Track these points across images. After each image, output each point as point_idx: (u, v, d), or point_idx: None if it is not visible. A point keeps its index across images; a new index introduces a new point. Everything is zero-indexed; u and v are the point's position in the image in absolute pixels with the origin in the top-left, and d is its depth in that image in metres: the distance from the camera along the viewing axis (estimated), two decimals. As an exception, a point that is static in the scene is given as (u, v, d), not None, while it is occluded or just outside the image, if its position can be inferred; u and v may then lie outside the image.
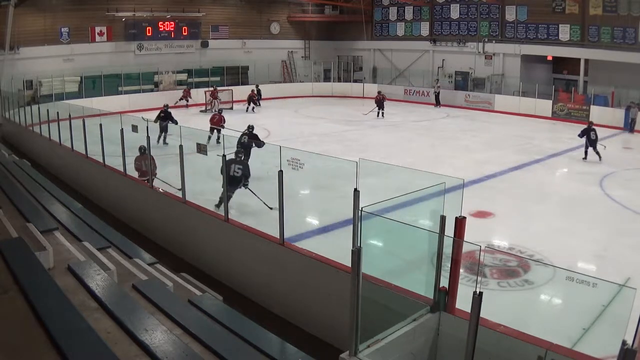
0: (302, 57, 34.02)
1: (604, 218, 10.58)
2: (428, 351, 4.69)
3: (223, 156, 7.91)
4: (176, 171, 8.92)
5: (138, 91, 26.38)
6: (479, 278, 6.46)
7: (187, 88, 26.58)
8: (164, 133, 15.58)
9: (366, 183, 5.84)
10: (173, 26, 28.56)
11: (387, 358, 4.25)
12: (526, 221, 10.31)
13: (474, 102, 27.14)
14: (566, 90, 24.45)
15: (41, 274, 4.40)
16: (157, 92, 26.96)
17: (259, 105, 26.36)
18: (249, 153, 12.10)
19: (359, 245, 4.24)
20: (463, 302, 4.39)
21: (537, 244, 8.76)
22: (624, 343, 3.03)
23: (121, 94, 25.52)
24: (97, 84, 25.29)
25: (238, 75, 30.00)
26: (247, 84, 29.59)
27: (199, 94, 26.08)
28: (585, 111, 22.54)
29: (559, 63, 26.09)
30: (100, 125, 11.19)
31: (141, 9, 27.17)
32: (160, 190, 9.74)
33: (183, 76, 28.57)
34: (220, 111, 18.58)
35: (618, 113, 21.70)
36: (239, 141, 12.69)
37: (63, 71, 24.42)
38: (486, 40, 27.69)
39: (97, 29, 26.27)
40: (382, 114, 24.07)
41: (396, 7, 32.06)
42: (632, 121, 20.87)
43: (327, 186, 11.51)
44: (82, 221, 8.21)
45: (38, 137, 16.30)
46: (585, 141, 15.21)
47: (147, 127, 9.84)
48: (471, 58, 28.36)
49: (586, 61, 24.20)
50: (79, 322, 3.64)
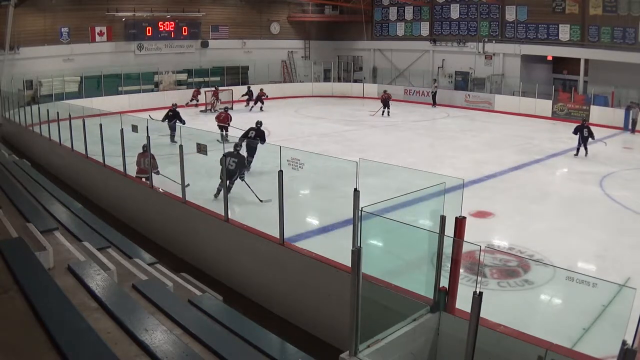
0: (302, 57, 34.01)
1: (604, 218, 10.58)
2: (428, 351, 4.69)
3: (223, 156, 7.92)
4: (177, 171, 8.94)
5: (138, 91, 26.38)
6: (479, 278, 6.46)
7: (197, 88, 26.53)
8: (173, 132, 15.78)
9: (366, 183, 5.85)
10: (173, 26, 28.56)
11: (387, 358, 4.25)
12: (526, 221, 10.31)
13: (474, 102, 27.15)
14: (566, 90, 24.45)
15: (41, 274, 4.40)
16: (157, 92, 27.02)
17: (248, 105, 26.41)
18: (255, 148, 12.41)
19: (359, 245, 4.24)
20: (463, 302, 4.39)
21: (537, 244, 8.75)
22: (624, 343, 3.03)
23: (121, 94, 25.53)
24: (99, 84, 25.31)
25: (238, 75, 29.98)
26: (247, 84, 29.62)
27: (199, 94, 26.08)
28: (585, 111, 22.51)
29: (559, 63, 26.08)
30: (100, 125, 11.19)
31: (141, 9, 27.17)
32: (160, 190, 9.74)
33: (183, 76, 28.56)
34: (226, 109, 18.61)
35: (618, 113, 21.70)
36: (246, 135, 12.98)
37: (63, 71, 24.41)
38: (486, 40, 27.69)
39: (97, 29, 26.27)
40: (388, 113, 24.44)
41: (396, 7, 32.06)
42: (634, 122, 20.84)
43: (327, 186, 11.50)
44: (82, 221, 8.21)
45: (38, 137, 16.29)
46: (578, 138, 15.75)
47: (147, 127, 9.85)
48: (471, 58, 28.36)
49: (586, 61, 24.19)
50: (79, 322, 3.64)
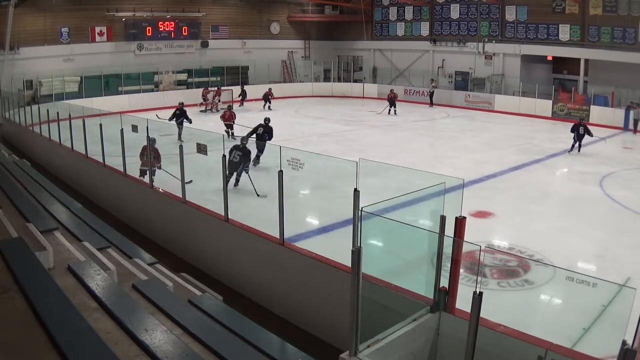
0: (302, 57, 34.00)
1: (604, 218, 10.58)
2: (428, 351, 4.69)
3: (223, 156, 7.91)
4: (177, 171, 8.94)
5: (138, 91, 26.38)
6: (479, 278, 6.46)
7: (206, 88, 26.54)
8: (180, 130, 16.23)
9: (366, 183, 5.85)
10: (173, 26, 28.54)
11: (387, 358, 4.25)
12: (526, 221, 10.31)
13: (474, 102, 27.14)
14: (566, 90, 24.44)
15: (41, 274, 4.40)
16: (157, 92, 27.02)
17: (242, 105, 26.52)
18: (264, 145, 12.97)
19: (359, 245, 4.24)
20: (463, 302, 4.39)
21: (537, 244, 8.75)
22: (624, 343, 3.03)
23: (121, 94, 25.52)
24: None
25: (238, 75, 29.96)
26: (247, 84, 29.65)
27: (199, 94, 26.06)
28: (585, 111, 22.50)
29: (559, 63, 26.07)
30: (100, 125, 11.19)
31: (141, 9, 27.16)
32: (160, 190, 9.74)
33: (183, 76, 28.55)
34: (229, 107, 18.75)
35: (618, 113, 21.69)
36: (255, 131, 13.46)
37: (63, 71, 24.40)
38: (486, 40, 27.68)
39: (97, 29, 26.25)
40: (395, 112, 24.74)
41: (396, 7, 32.05)
42: (635, 122, 20.79)
43: (327, 186, 11.50)
44: (82, 221, 8.21)
45: (38, 137, 16.30)
46: (573, 135, 16.29)
47: (147, 127, 9.86)
48: (471, 58, 28.35)
49: (586, 61, 24.18)
50: (79, 322, 3.64)
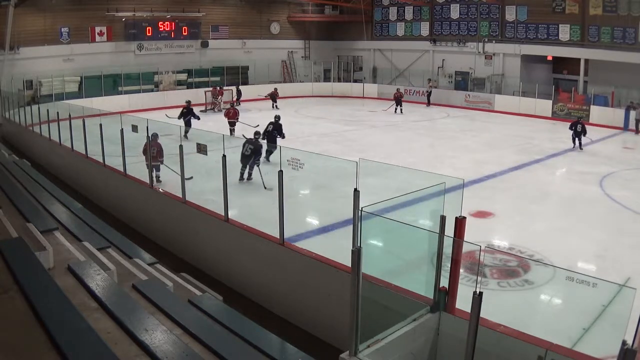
0: (302, 57, 34.01)
1: (604, 218, 10.57)
2: (428, 351, 4.69)
3: (223, 156, 7.90)
4: (177, 171, 8.94)
5: (138, 91, 26.38)
6: (479, 278, 6.45)
7: (215, 87, 26.47)
8: (188, 128, 16.45)
9: (366, 183, 5.85)
10: (173, 26, 28.54)
11: (387, 358, 4.25)
12: (526, 221, 10.31)
13: (474, 102, 27.14)
14: (566, 90, 24.45)
15: (41, 274, 4.40)
16: (157, 92, 27.02)
17: (239, 104, 26.42)
18: (275, 140, 13.65)
19: (359, 245, 4.24)
20: (463, 302, 4.39)
21: (537, 244, 8.75)
22: (624, 343, 3.03)
23: (121, 94, 25.53)
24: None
25: (238, 75, 29.97)
26: (247, 84, 29.66)
27: (199, 94, 26.05)
28: (585, 111, 22.51)
29: (559, 63, 26.07)
30: (100, 125, 11.20)
31: (141, 9, 27.16)
32: (160, 190, 9.74)
33: (183, 76, 28.55)
34: (232, 105, 18.99)
35: (618, 113, 21.69)
36: (266, 129, 14.05)
37: (63, 71, 24.41)
38: (486, 40, 27.68)
39: (97, 29, 26.26)
40: (401, 110, 25.03)
41: (396, 7, 32.05)
42: (637, 122, 20.73)
43: (327, 186, 11.50)
44: (82, 221, 8.22)
45: (38, 137, 16.30)
46: (572, 133, 17.14)
47: (147, 127, 9.88)
48: (471, 58, 28.35)
49: (586, 61, 24.18)
50: (79, 322, 3.64)
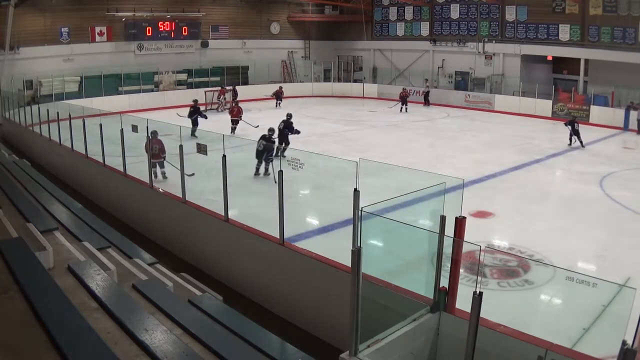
0: (302, 57, 34.02)
1: (604, 218, 10.57)
2: (428, 351, 4.69)
3: (223, 156, 7.89)
4: (177, 171, 8.94)
5: (138, 91, 26.39)
6: (479, 278, 6.45)
7: (222, 87, 26.58)
8: (195, 127, 17.09)
9: (366, 183, 5.85)
10: (173, 26, 28.55)
11: (387, 358, 4.25)
12: (526, 221, 10.31)
13: (474, 102, 27.15)
14: (566, 90, 24.45)
15: (41, 274, 4.40)
16: (157, 92, 27.03)
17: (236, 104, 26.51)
18: (286, 137, 14.44)
19: (359, 245, 4.23)
20: (463, 302, 4.39)
21: (537, 244, 8.75)
22: (624, 343, 3.03)
23: (121, 94, 25.53)
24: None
25: (238, 75, 29.98)
26: (247, 84, 29.65)
27: (199, 94, 26.02)
28: (585, 111, 22.53)
29: (559, 63, 26.07)
30: (100, 125, 11.19)
31: (141, 9, 27.17)
32: (160, 190, 9.74)
33: (183, 76, 28.57)
34: (236, 103, 19.21)
35: (618, 113, 21.69)
36: (279, 127, 14.74)
37: (63, 71, 24.42)
38: (486, 40, 27.68)
39: (97, 29, 26.27)
40: (406, 109, 25.45)
41: (396, 7, 32.05)
42: (639, 123, 20.71)
43: (327, 186, 11.50)
44: (82, 221, 8.21)
45: (38, 137, 16.30)
46: (569, 131, 17.57)
47: (147, 127, 9.89)
48: (471, 58, 28.36)
49: (586, 61, 24.19)
50: (79, 322, 3.64)
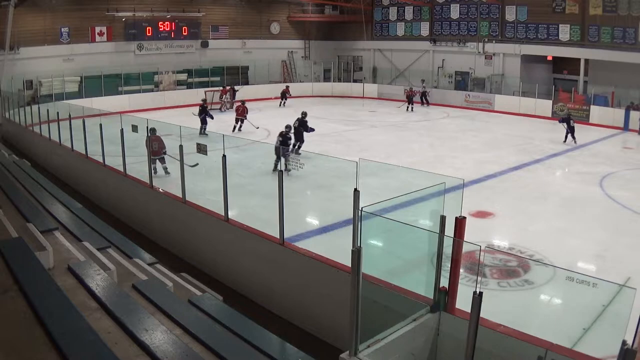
0: (302, 57, 34.02)
1: (604, 218, 10.57)
2: (428, 351, 4.69)
3: (223, 156, 7.89)
4: (177, 172, 8.94)
5: (138, 91, 26.39)
6: (479, 278, 6.46)
7: (224, 88, 26.59)
8: (204, 125, 17.72)
9: (366, 183, 5.85)
10: (173, 26, 28.55)
11: (387, 358, 4.25)
12: (526, 221, 10.31)
13: (474, 102, 27.15)
14: (566, 90, 24.45)
15: (41, 274, 4.41)
16: (157, 92, 27.03)
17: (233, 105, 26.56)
18: (301, 135, 14.92)
19: (359, 245, 4.23)
20: (463, 302, 4.39)
21: (537, 244, 8.75)
22: (624, 343, 3.03)
23: (121, 94, 25.53)
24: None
25: (238, 75, 29.98)
26: (247, 84, 29.65)
27: (200, 95, 26.02)
28: (585, 111, 22.53)
29: (559, 63, 26.07)
30: (100, 125, 11.19)
31: (141, 9, 27.17)
32: (160, 190, 9.74)
33: (183, 76, 28.57)
34: (242, 102, 19.68)
35: (618, 113, 21.69)
36: (294, 125, 15.05)
37: (63, 71, 24.41)
38: (486, 40, 27.68)
39: (97, 29, 26.27)
40: (412, 109, 25.61)
41: (396, 7, 32.05)
42: None
43: (327, 186, 11.50)
44: (82, 221, 8.21)
45: (38, 137, 16.30)
46: (565, 128, 18.10)
47: (147, 127, 9.89)
48: (471, 58, 28.35)
49: (586, 61, 24.19)
50: (79, 322, 3.64)
